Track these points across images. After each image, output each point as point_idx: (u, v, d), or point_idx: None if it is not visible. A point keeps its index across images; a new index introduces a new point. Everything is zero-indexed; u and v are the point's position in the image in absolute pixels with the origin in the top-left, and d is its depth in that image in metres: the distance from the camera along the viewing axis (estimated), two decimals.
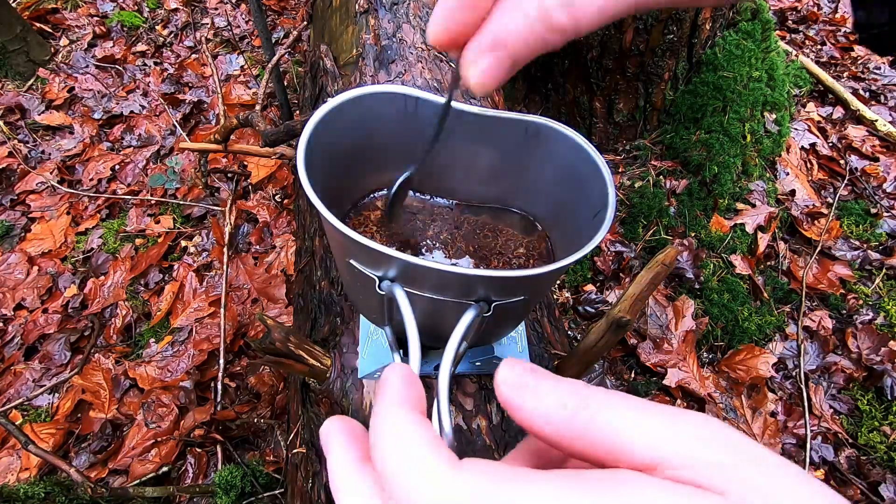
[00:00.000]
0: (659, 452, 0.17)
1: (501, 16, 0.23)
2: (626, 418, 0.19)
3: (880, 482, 1.25)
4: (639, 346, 1.46)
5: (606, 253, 1.63)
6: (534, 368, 0.23)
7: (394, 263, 0.34)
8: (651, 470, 0.17)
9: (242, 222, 1.80)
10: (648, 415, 0.19)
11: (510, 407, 0.22)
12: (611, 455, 0.18)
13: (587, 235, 0.37)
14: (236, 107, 2.14)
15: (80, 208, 1.86)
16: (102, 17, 2.49)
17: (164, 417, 1.36)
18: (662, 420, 0.18)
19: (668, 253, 0.68)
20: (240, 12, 2.57)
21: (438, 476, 0.18)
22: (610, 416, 0.19)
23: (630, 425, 0.18)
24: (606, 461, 0.19)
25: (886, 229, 1.70)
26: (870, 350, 1.45)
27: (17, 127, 2.06)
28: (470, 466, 0.18)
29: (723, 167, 1.65)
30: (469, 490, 0.17)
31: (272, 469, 1.25)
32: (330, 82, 1.12)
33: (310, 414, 0.78)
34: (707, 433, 0.18)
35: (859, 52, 2.25)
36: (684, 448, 0.17)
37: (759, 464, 0.17)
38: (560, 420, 0.20)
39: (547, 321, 0.85)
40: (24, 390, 1.44)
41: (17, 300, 1.61)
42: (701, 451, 0.17)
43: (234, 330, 1.51)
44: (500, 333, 0.56)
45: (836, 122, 2.01)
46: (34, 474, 1.29)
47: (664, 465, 0.17)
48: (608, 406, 0.19)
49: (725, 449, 0.17)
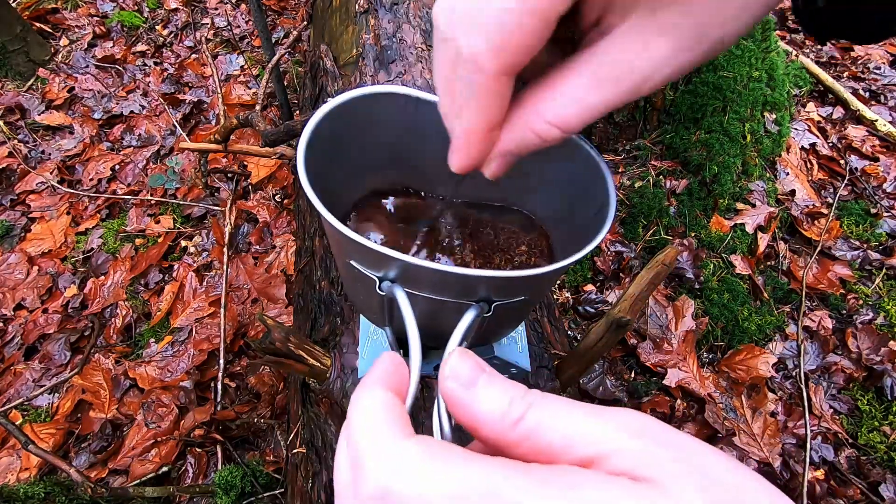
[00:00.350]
0: (595, 448, 0.19)
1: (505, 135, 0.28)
2: (565, 421, 0.20)
3: (880, 482, 1.25)
4: (639, 346, 1.46)
5: (606, 253, 1.63)
6: (485, 366, 0.23)
7: (394, 264, 0.34)
8: (589, 465, 0.19)
9: (242, 222, 1.80)
10: (585, 415, 0.20)
11: (455, 404, 0.22)
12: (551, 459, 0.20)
13: (587, 235, 0.37)
14: (236, 107, 2.14)
15: (80, 208, 1.86)
16: (102, 17, 2.49)
17: (164, 417, 1.36)
18: (597, 419, 0.19)
19: (668, 253, 0.68)
20: (240, 12, 2.57)
21: (384, 444, 0.20)
22: (551, 420, 0.20)
23: (569, 426, 0.20)
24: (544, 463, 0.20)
25: (886, 229, 1.70)
26: (870, 350, 1.45)
27: (17, 127, 2.06)
28: (416, 440, 0.20)
29: (723, 167, 1.65)
30: (405, 459, 0.19)
31: (272, 469, 1.25)
32: (330, 82, 1.12)
33: (310, 414, 0.78)
34: (637, 426, 0.19)
35: (859, 52, 2.25)
36: (618, 442, 0.19)
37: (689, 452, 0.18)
38: (506, 423, 0.21)
39: (547, 321, 0.85)
40: (24, 390, 1.44)
41: (17, 300, 1.61)
42: (632, 443, 0.18)
43: (234, 330, 1.51)
44: (501, 333, 0.56)
45: (836, 122, 2.01)
46: (34, 474, 1.29)
47: (601, 460, 0.18)
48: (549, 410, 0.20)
49: (655, 440, 0.19)
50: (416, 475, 0.18)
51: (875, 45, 2.27)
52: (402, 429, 0.21)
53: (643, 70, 0.24)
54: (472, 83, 0.25)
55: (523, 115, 0.27)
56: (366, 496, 0.19)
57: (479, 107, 0.26)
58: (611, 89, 0.24)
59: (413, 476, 0.18)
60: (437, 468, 0.18)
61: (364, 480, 0.19)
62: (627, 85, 0.24)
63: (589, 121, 0.26)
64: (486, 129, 0.28)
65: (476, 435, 0.22)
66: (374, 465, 0.19)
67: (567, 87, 0.25)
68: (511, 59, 0.23)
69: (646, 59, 0.23)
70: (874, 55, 2.24)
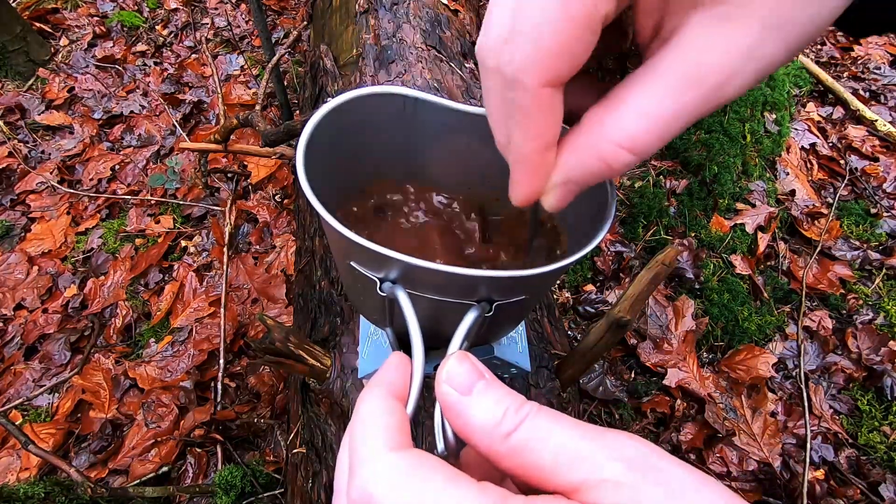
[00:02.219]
0: (583, 475, 0.18)
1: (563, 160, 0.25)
2: (558, 440, 0.19)
3: (880, 482, 1.25)
4: (639, 346, 1.46)
5: (606, 253, 1.63)
6: (483, 373, 0.23)
7: (395, 265, 0.34)
8: (573, 492, 0.18)
9: (242, 222, 1.80)
10: (580, 438, 0.19)
11: (449, 409, 0.22)
12: (536, 476, 0.20)
13: (587, 235, 0.37)
14: (236, 107, 2.14)
15: (80, 208, 1.85)
16: (102, 17, 2.49)
17: (164, 417, 1.36)
18: (592, 444, 0.19)
19: (668, 253, 0.68)
20: (240, 12, 2.57)
21: (376, 453, 0.21)
22: (543, 438, 0.20)
23: (560, 447, 0.19)
24: (531, 480, 0.20)
25: (886, 229, 1.70)
26: (870, 350, 1.45)
27: (17, 127, 2.06)
28: (405, 454, 0.20)
29: (723, 167, 1.65)
30: (389, 471, 0.20)
31: (272, 469, 1.25)
32: (330, 82, 1.12)
33: (310, 414, 0.78)
34: (634, 456, 0.19)
35: (859, 52, 2.25)
36: (609, 472, 0.18)
37: (683, 491, 0.17)
38: (497, 435, 0.21)
39: (547, 321, 0.85)
40: (24, 390, 1.44)
41: (17, 300, 1.61)
42: (624, 476, 0.18)
43: (234, 330, 1.51)
44: (501, 333, 0.56)
45: (836, 122, 2.01)
46: (34, 474, 1.29)
47: (587, 489, 0.18)
48: (542, 427, 0.20)
49: (649, 477, 0.18)
50: (394, 488, 0.19)
51: (875, 45, 2.27)
52: (397, 438, 0.22)
53: (723, 66, 0.20)
54: (517, 102, 0.23)
55: (583, 136, 0.24)
56: (352, 499, 0.20)
57: (526, 125, 0.24)
58: (688, 94, 0.21)
59: (392, 489, 0.19)
60: (413, 486, 0.19)
61: (353, 485, 0.20)
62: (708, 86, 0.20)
63: (666, 138, 0.22)
64: (538, 151, 0.25)
65: (467, 442, 0.22)
66: (363, 471, 0.20)
67: (635, 99, 0.22)
68: (553, 67, 0.21)
69: (724, 52, 0.20)
70: (874, 55, 2.24)
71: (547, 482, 0.19)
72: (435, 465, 0.20)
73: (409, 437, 0.23)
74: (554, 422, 0.20)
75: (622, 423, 1.37)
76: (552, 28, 0.20)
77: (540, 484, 0.19)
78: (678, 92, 0.21)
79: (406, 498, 0.19)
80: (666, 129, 0.22)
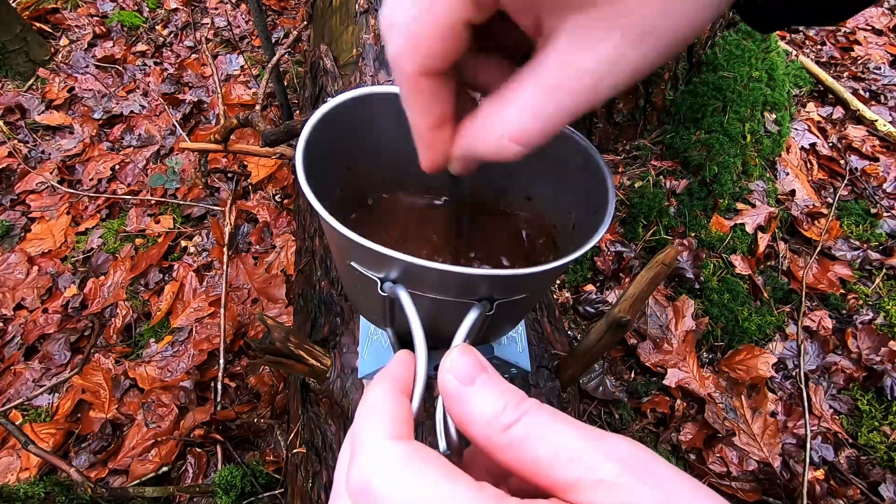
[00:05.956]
0: (579, 474, 0.18)
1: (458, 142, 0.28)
2: (556, 437, 0.20)
3: (880, 482, 1.25)
4: (639, 346, 1.46)
5: (606, 253, 1.63)
6: (486, 366, 0.23)
7: (395, 264, 0.34)
8: (568, 491, 0.19)
9: (242, 222, 1.80)
10: (578, 437, 0.20)
11: (450, 398, 0.23)
12: (532, 471, 0.20)
13: (587, 234, 0.37)
14: (236, 107, 2.14)
15: (80, 208, 1.86)
16: (102, 17, 2.49)
17: (164, 417, 1.36)
18: (590, 443, 0.19)
19: (668, 253, 0.68)
20: (240, 12, 2.57)
21: (378, 440, 0.21)
22: (542, 433, 0.20)
23: (558, 444, 0.19)
24: (526, 475, 0.20)
25: (886, 229, 1.70)
26: (870, 350, 1.45)
27: (17, 127, 2.06)
28: (405, 444, 0.21)
29: (723, 167, 1.65)
30: (388, 459, 0.20)
31: (272, 469, 1.25)
32: (330, 82, 1.12)
33: (310, 414, 0.78)
34: (631, 458, 0.19)
35: (859, 52, 2.25)
36: (605, 472, 0.18)
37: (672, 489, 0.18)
38: (496, 427, 0.21)
39: (547, 321, 0.85)
40: (24, 390, 1.44)
41: (17, 300, 1.61)
42: (620, 478, 0.18)
43: (234, 330, 1.51)
44: (501, 332, 0.56)
45: (836, 122, 2.01)
46: (34, 474, 1.29)
47: (582, 487, 0.18)
48: (542, 423, 0.20)
49: (645, 480, 0.18)
50: (391, 478, 0.19)
51: (875, 45, 2.27)
52: (400, 428, 0.22)
53: (593, 70, 0.22)
54: (400, 83, 0.26)
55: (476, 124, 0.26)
56: (351, 485, 0.20)
57: (410, 106, 0.27)
58: (565, 95, 0.22)
59: (390, 477, 0.19)
60: (411, 476, 0.19)
61: (353, 470, 0.20)
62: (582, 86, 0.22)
63: (550, 132, 0.24)
64: (428, 128, 0.28)
65: (465, 433, 0.22)
66: (363, 458, 0.20)
67: (518, 97, 0.24)
68: (421, 61, 0.24)
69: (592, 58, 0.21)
70: (874, 55, 2.24)
71: (542, 478, 0.19)
72: (435, 459, 0.20)
73: (412, 430, 0.23)
74: (553, 419, 0.20)
75: (622, 423, 1.37)
76: (417, 28, 0.23)
77: (535, 479, 0.20)
78: (554, 91, 0.22)
79: (403, 487, 0.19)
80: (548, 122, 0.23)
